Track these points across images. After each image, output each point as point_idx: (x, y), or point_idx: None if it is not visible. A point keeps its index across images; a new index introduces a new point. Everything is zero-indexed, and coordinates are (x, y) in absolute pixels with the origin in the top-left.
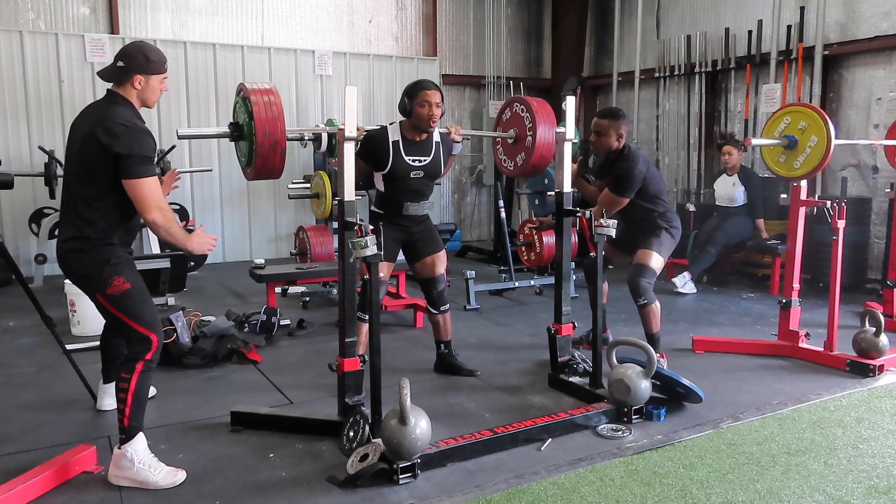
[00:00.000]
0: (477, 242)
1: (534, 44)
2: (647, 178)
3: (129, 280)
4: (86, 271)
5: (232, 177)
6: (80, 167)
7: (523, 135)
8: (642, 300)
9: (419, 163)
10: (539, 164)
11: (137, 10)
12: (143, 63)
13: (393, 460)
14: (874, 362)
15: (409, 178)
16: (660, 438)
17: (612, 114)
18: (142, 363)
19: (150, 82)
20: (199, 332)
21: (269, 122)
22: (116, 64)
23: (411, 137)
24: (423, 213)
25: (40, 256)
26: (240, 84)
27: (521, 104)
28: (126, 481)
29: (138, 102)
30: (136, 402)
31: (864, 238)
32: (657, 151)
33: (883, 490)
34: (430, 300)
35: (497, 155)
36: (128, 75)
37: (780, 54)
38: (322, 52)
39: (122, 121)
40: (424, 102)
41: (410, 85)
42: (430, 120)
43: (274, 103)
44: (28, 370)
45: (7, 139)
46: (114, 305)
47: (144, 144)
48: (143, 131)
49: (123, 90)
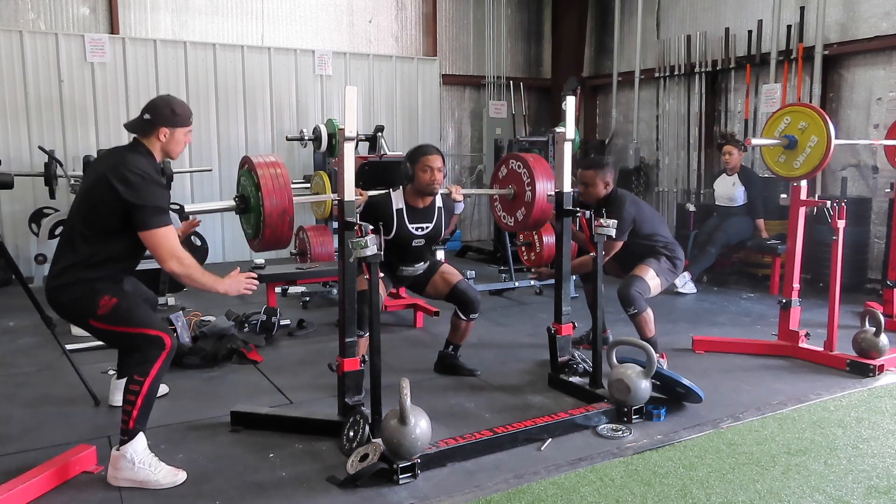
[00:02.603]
0: (477, 242)
1: (534, 44)
2: (638, 220)
3: (115, 295)
4: (71, 303)
5: (232, 177)
6: (88, 206)
7: (522, 191)
8: (632, 309)
9: (422, 230)
10: (540, 218)
11: (137, 10)
12: (169, 116)
13: (393, 460)
14: (874, 362)
15: (411, 245)
16: (660, 438)
17: (596, 164)
18: (157, 366)
19: (174, 135)
20: (199, 332)
21: (276, 191)
22: (143, 117)
23: (414, 204)
24: (419, 273)
25: (40, 256)
26: (244, 157)
27: (517, 161)
28: (126, 482)
29: (161, 154)
30: (145, 406)
31: (864, 238)
32: (657, 151)
33: (883, 490)
34: (463, 307)
35: (496, 212)
36: (153, 128)
37: (780, 54)
38: (322, 52)
39: (139, 170)
40: (426, 167)
41: (411, 151)
42: (432, 184)
43: (280, 175)
44: (28, 370)
45: (7, 139)
46: (111, 323)
47: (159, 196)
48: (158, 184)
49: (148, 141)
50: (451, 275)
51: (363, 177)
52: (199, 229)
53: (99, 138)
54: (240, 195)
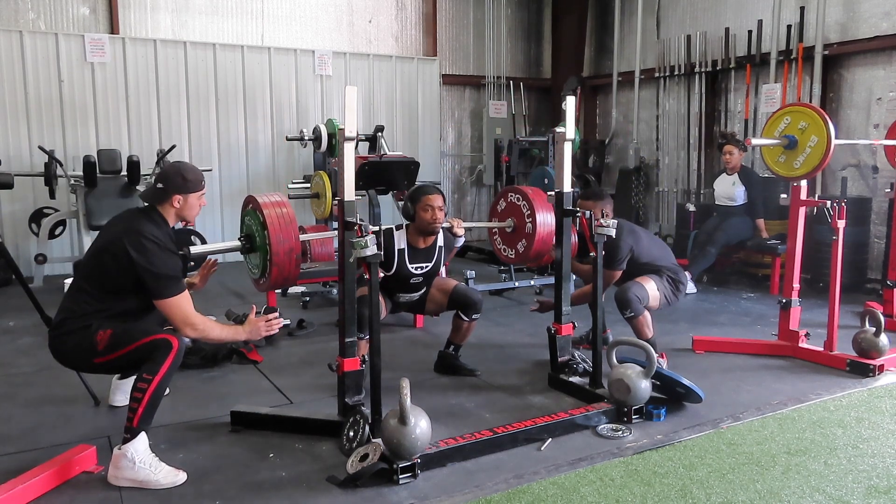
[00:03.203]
0: (477, 242)
1: (534, 44)
2: (636, 251)
3: (108, 327)
4: (72, 349)
5: (232, 177)
6: (98, 268)
7: (522, 223)
8: (629, 312)
9: (421, 270)
10: (541, 249)
11: (137, 10)
12: (181, 184)
13: (393, 460)
14: (874, 362)
15: (408, 282)
16: (660, 438)
17: (595, 195)
18: (167, 365)
19: (188, 200)
20: None
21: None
22: (157, 186)
23: (416, 244)
24: (416, 299)
25: (40, 256)
26: (249, 196)
27: (516, 194)
28: (126, 482)
29: (175, 219)
30: (151, 404)
31: (864, 238)
32: (657, 151)
33: (883, 490)
34: (465, 308)
35: (495, 244)
36: (167, 196)
37: (780, 54)
38: (322, 52)
39: (154, 238)
40: (427, 206)
41: (413, 190)
42: (434, 223)
43: (286, 215)
44: (28, 370)
45: (7, 139)
46: (115, 350)
47: (173, 265)
48: (172, 251)
49: (162, 208)
50: (446, 283)
51: (363, 177)
52: (199, 228)
53: (99, 138)
54: (245, 235)
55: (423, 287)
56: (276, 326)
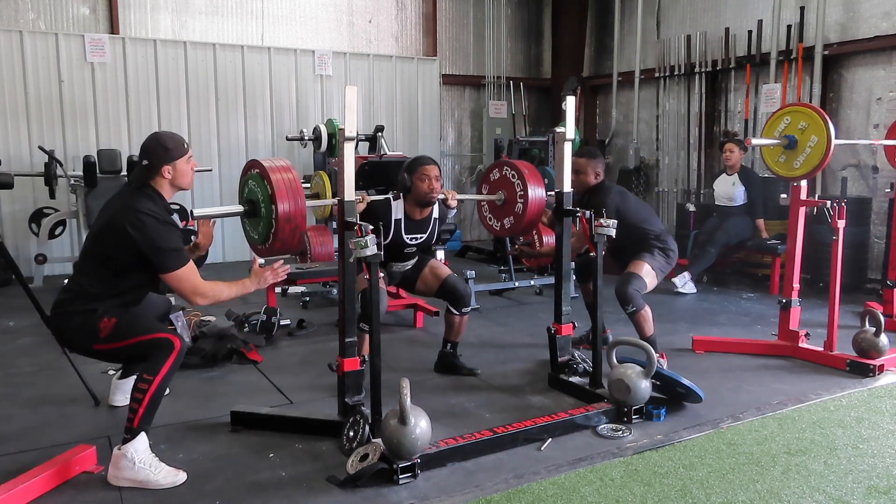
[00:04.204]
0: (477, 242)
1: (534, 44)
2: (623, 210)
3: (114, 315)
4: (75, 333)
5: (232, 177)
6: (99, 248)
7: (513, 199)
8: (630, 307)
9: (416, 240)
10: (528, 228)
11: (137, 10)
12: (164, 154)
13: (393, 460)
14: (874, 362)
15: (402, 252)
16: (660, 438)
17: (589, 153)
18: (167, 365)
19: (177, 167)
20: (199, 332)
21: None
22: (142, 164)
23: (412, 215)
24: (408, 268)
25: (40, 256)
26: (251, 161)
27: (510, 168)
28: (126, 482)
29: (171, 190)
30: (151, 405)
31: (864, 238)
32: (657, 151)
33: (883, 490)
34: (453, 302)
35: (482, 213)
36: (155, 170)
37: (780, 54)
38: (322, 52)
39: (151, 213)
40: (424, 177)
41: (409, 162)
42: (430, 193)
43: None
44: (28, 370)
45: (7, 139)
46: (116, 341)
47: (174, 237)
48: (171, 223)
49: (155, 183)
50: (440, 269)
51: (363, 177)
52: None
53: (99, 138)
54: (247, 200)
55: (415, 257)
56: (282, 273)
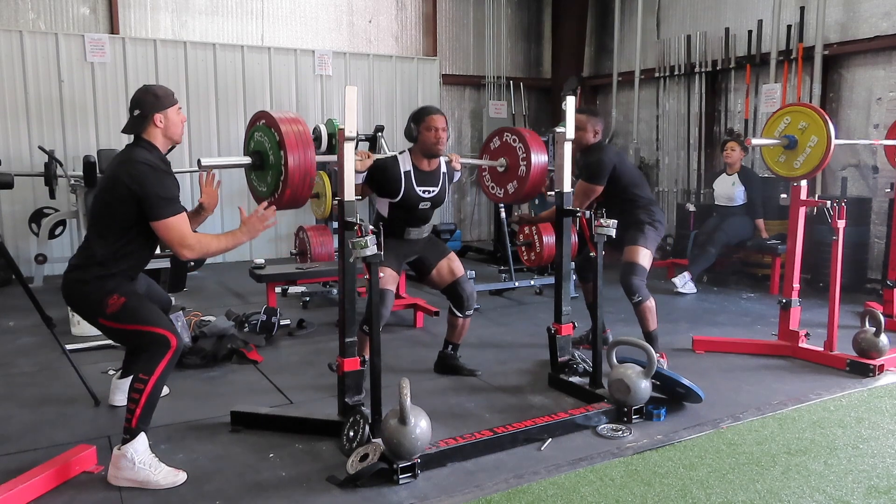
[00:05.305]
0: (477, 242)
1: (534, 44)
2: (618, 169)
3: (123, 293)
4: (83, 301)
5: (232, 177)
6: (102, 206)
7: (515, 164)
8: (637, 297)
9: (428, 193)
10: (531, 192)
11: (137, 10)
12: (154, 102)
13: (393, 460)
14: (874, 362)
15: (417, 207)
16: (660, 438)
17: (589, 111)
18: (162, 365)
19: (168, 116)
20: (199, 332)
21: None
22: (133, 114)
23: (420, 167)
24: (425, 235)
25: (40, 256)
26: (260, 112)
27: (512, 134)
28: (126, 482)
29: (165, 142)
30: (148, 405)
31: (864, 238)
32: (657, 151)
33: (883, 490)
34: (459, 304)
35: (483, 181)
36: (147, 119)
37: (780, 54)
38: (322, 52)
39: (145, 162)
40: (431, 127)
41: (415, 111)
42: (437, 144)
43: (303, 133)
44: (28, 370)
45: (7, 139)
46: (119, 321)
47: (167, 185)
48: (166, 173)
49: (147, 134)
50: (458, 266)
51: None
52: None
53: (99, 138)
54: (255, 151)
55: (430, 217)
56: (270, 217)
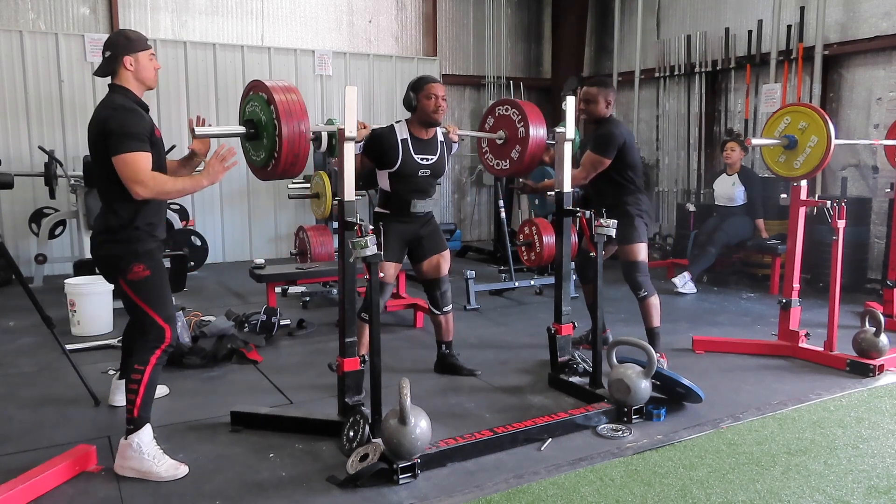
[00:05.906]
0: (477, 242)
1: (534, 44)
2: (627, 146)
3: (150, 268)
4: (111, 257)
5: (232, 177)
6: (94, 158)
7: (514, 133)
8: (643, 292)
9: (427, 161)
10: (535, 153)
11: (137, 10)
12: (125, 44)
13: (393, 460)
14: (874, 362)
15: (417, 175)
16: (660, 438)
17: (600, 82)
18: (156, 355)
19: (139, 60)
20: (199, 332)
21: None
22: (105, 56)
23: (418, 135)
24: (429, 209)
25: (40, 256)
26: (255, 81)
27: (505, 105)
28: (131, 472)
29: (138, 86)
30: (147, 393)
31: (864, 238)
32: (657, 151)
33: (883, 490)
34: (433, 301)
35: (484, 159)
36: (117, 61)
37: (780, 54)
38: (322, 52)
39: (114, 104)
40: (431, 94)
41: (414, 80)
42: (436, 112)
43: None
44: (28, 370)
45: (7, 139)
46: (134, 291)
47: (130, 123)
48: (131, 110)
49: (119, 79)
50: (446, 267)
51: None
52: (199, 228)
53: None
54: (248, 120)
55: (433, 189)
56: (229, 158)
